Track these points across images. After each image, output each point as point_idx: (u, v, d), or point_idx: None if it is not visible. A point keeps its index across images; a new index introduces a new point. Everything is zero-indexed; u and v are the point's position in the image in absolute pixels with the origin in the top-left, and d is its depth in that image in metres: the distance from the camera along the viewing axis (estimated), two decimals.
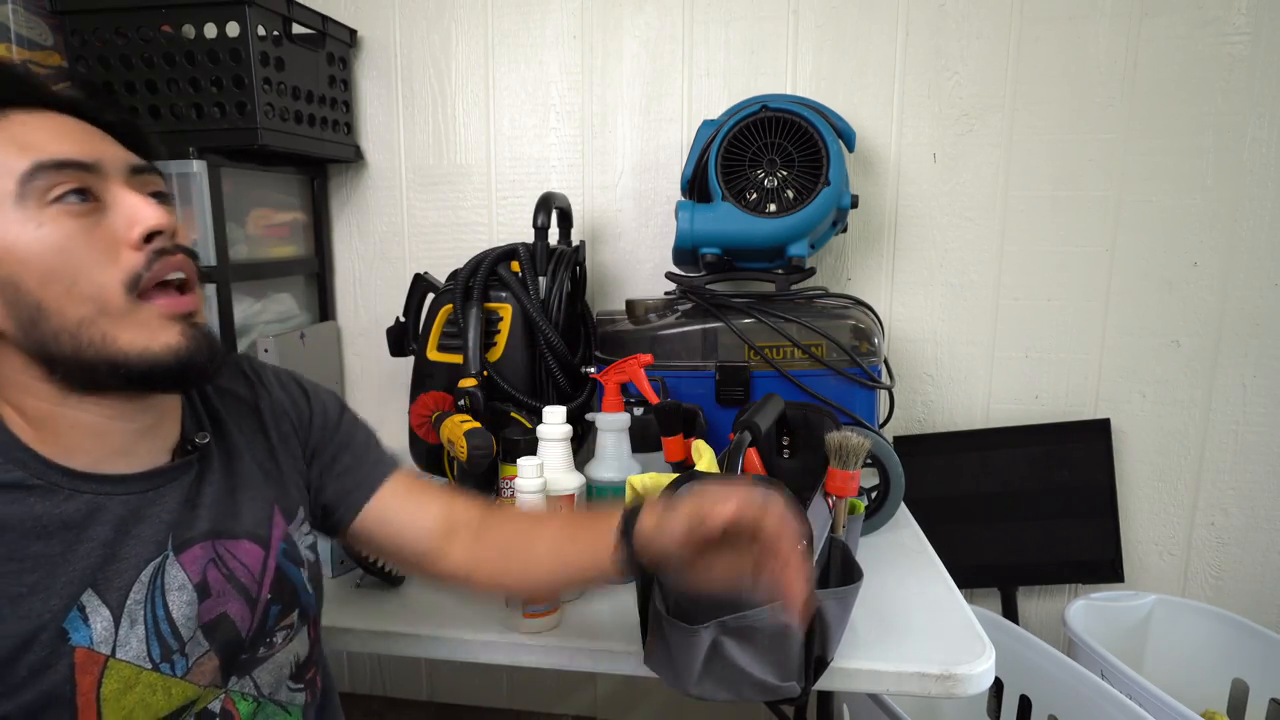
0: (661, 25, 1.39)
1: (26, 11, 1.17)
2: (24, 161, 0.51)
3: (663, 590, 0.72)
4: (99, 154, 0.54)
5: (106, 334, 0.52)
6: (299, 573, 0.67)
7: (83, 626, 0.52)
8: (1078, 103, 1.31)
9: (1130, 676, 1.11)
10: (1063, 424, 1.38)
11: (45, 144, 0.52)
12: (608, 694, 1.64)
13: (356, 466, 0.75)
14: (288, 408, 0.72)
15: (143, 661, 0.54)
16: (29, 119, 0.53)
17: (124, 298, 0.52)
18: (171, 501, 0.59)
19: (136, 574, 0.55)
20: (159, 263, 0.54)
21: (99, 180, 0.53)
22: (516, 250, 1.20)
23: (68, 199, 0.52)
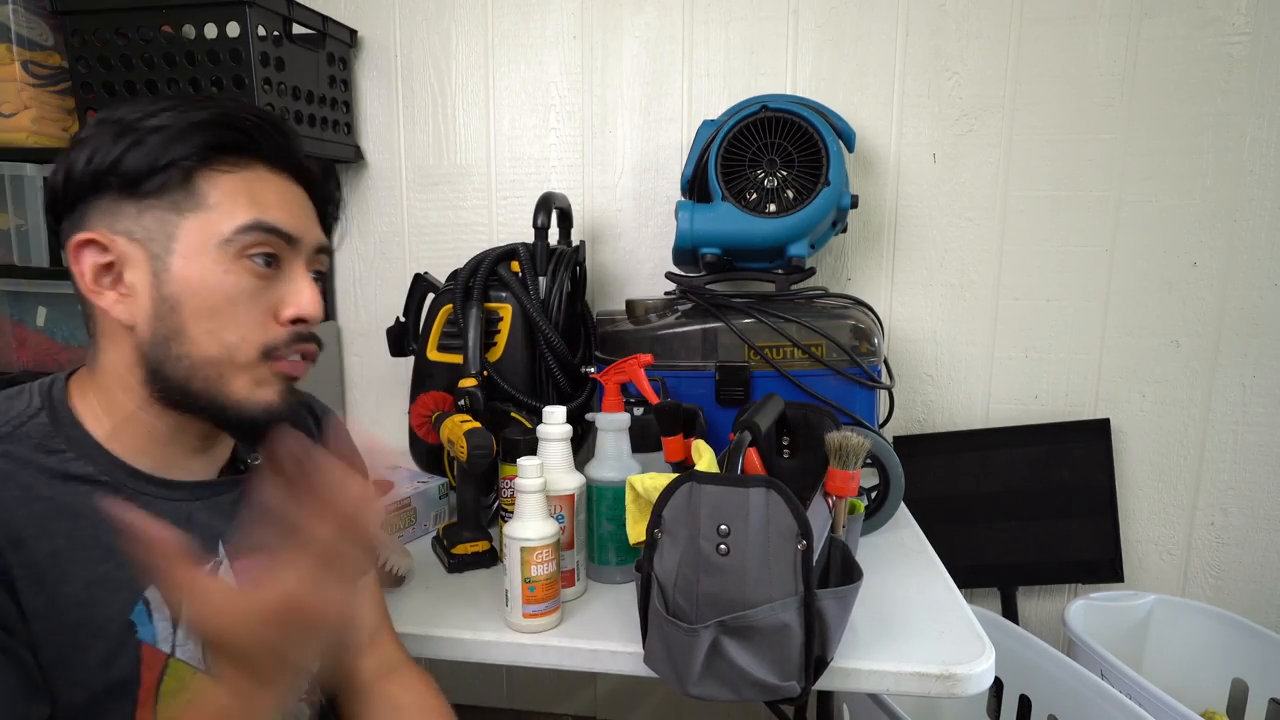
0: (661, 25, 1.39)
1: (27, 11, 1.17)
2: (247, 216, 0.57)
3: (663, 590, 0.73)
4: (303, 231, 0.61)
5: (223, 375, 0.57)
6: None
7: (148, 622, 0.55)
8: (1078, 103, 1.31)
9: (1130, 676, 1.11)
10: (1063, 424, 1.38)
11: (270, 206, 0.59)
12: (608, 694, 1.64)
13: None
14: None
15: (197, 663, 0.57)
16: (268, 176, 0.60)
17: (255, 357, 0.58)
18: (220, 513, 0.63)
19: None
20: (295, 346, 0.61)
21: (290, 251, 0.60)
22: (516, 250, 1.20)
23: (258, 259, 0.58)
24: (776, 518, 0.69)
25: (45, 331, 1.25)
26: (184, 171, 0.56)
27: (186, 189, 0.57)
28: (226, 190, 0.57)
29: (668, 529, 0.73)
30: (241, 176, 0.58)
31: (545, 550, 0.81)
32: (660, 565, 0.73)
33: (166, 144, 0.56)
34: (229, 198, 0.57)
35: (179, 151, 0.56)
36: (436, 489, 1.13)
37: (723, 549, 0.69)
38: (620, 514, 0.90)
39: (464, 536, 0.98)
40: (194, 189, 0.57)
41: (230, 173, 0.58)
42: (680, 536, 0.71)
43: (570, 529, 0.88)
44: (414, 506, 1.09)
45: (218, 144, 0.57)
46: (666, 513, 0.73)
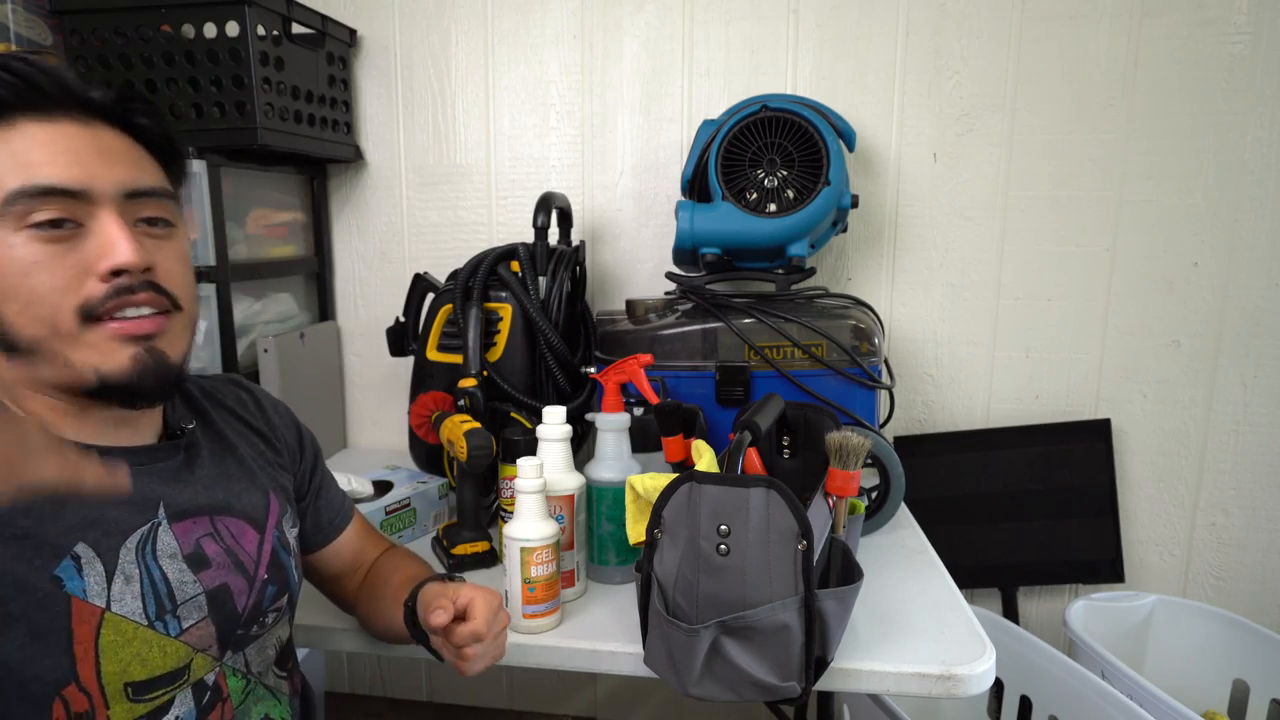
0: (661, 25, 1.39)
1: (26, 11, 1.17)
2: (11, 183, 0.52)
3: (663, 591, 0.72)
4: (91, 179, 0.54)
5: (59, 353, 0.54)
6: (289, 559, 0.72)
7: (76, 576, 0.54)
8: (1079, 102, 1.31)
9: (1131, 677, 1.11)
10: (1063, 424, 1.38)
11: (40, 165, 0.53)
12: (608, 694, 1.64)
13: (335, 501, 0.84)
14: (283, 431, 0.79)
15: (139, 617, 0.57)
16: (38, 131, 0.54)
17: (75, 323, 0.54)
18: (160, 476, 0.62)
19: (124, 538, 0.58)
20: (118, 298, 0.55)
21: (85, 206, 0.54)
22: (516, 250, 1.20)
23: (42, 228, 0.53)
24: (777, 518, 0.69)
25: None
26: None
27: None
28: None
29: (668, 529, 0.72)
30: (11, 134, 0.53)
31: (545, 551, 0.81)
32: (660, 565, 0.73)
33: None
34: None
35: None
36: (436, 489, 1.13)
37: (723, 549, 0.69)
38: (620, 514, 0.90)
39: (464, 537, 0.98)
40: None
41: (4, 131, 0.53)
42: (680, 537, 0.71)
43: (570, 529, 0.88)
44: (414, 506, 1.08)
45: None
46: (666, 513, 0.72)
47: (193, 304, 0.63)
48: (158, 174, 0.61)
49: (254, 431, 0.75)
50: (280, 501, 0.72)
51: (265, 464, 0.74)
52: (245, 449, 0.72)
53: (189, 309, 0.62)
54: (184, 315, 0.61)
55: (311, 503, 0.81)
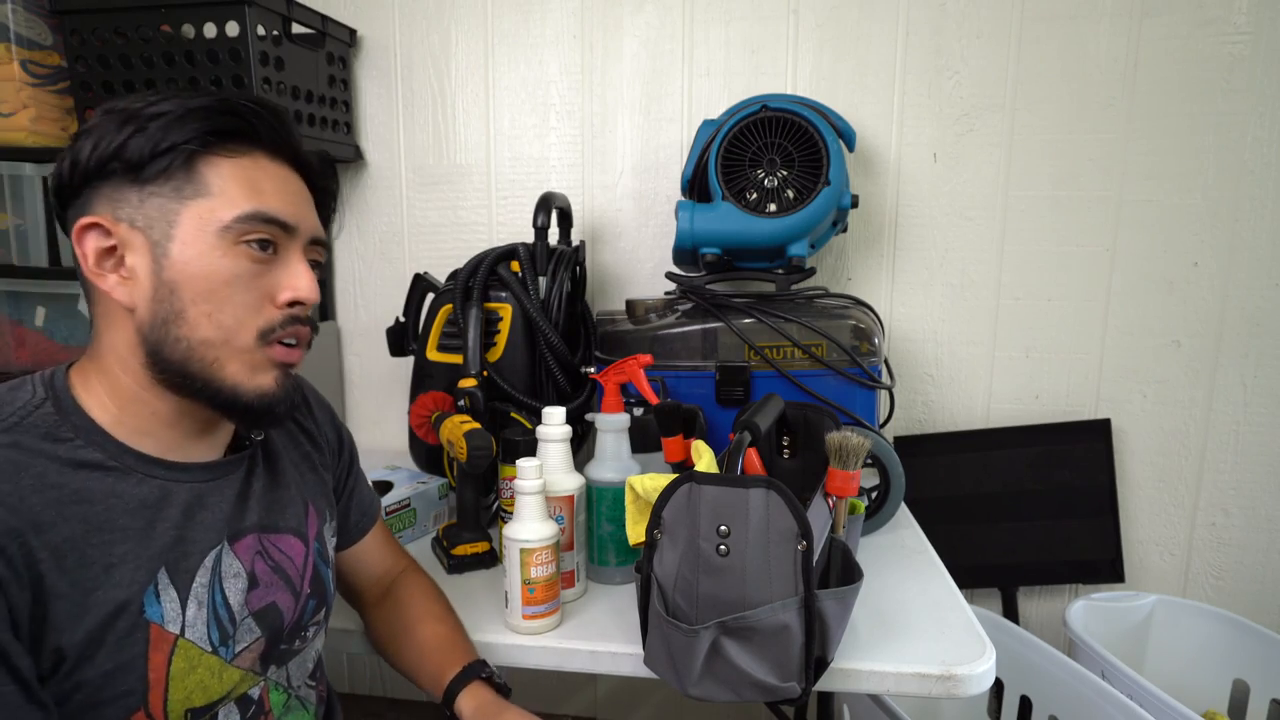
0: (661, 25, 1.39)
1: (26, 11, 1.17)
2: (247, 204, 0.58)
3: (662, 591, 0.72)
4: (300, 219, 0.62)
5: (219, 359, 0.58)
6: (327, 571, 0.73)
7: (155, 604, 0.56)
8: (1078, 102, 1.31)
9: (1131, 677, 1.11)
10: (1063, 424, 1.38)
11: (269, 195, 0.60)
12: (608, 694, 1.64)
13: (365, 502, 0.85)
14: (326, 429, 0.80)
15: (204, 644, 0.59)
16: (268, 165, 0.61)
17: (253, 340, 0.59)
18: (229, 492, 0.64)
19: (201, 559, 0.60)
20: (291, 328, 0.62)
21: (287, 238, 0.61)
22: (516, 250, 1.20)
23: (255, 245, 0.59)
24: (776, 518, 0.68)
25: (44, 331, 1.25)
26: (185, 156, 0.57)
27: (188, 174, 0.58)
28: (227, 177, 0.59)
29: (667, 530, 0.72)
30: (241, 164, 0.59)
31: (545, 551, 0.81)
32: (660, 566, 0.73)
33: (167, 129, 0.57)
34: (230, 184, 0.58)
35: (178, 136, 0.57)
36: (436, 489, 1.13)
37: (723, 549, 0.69)
38: (620, 515, 0.89)
39: (464, 537, 0.98)
40: (195, 175, 0.58)
41: (231, 159, 0.59)
42: (680, 537, 0.71)
43: (570, 530, 0.88)
44: (413, 507, 1.08)
45: (217, 129, 0.58)
46: (666, 513, 0.72)
47: None
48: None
49: (302, 431, 0.76)
50: (319, 510, 0.73)
51: (308, 468, 0.75)
52: (291, 454, 0.73)
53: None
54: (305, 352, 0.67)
55: (345, 502, 0.82)
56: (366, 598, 0.85)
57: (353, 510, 0.83)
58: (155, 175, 0.57)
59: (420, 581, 0.85)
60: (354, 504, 0.83)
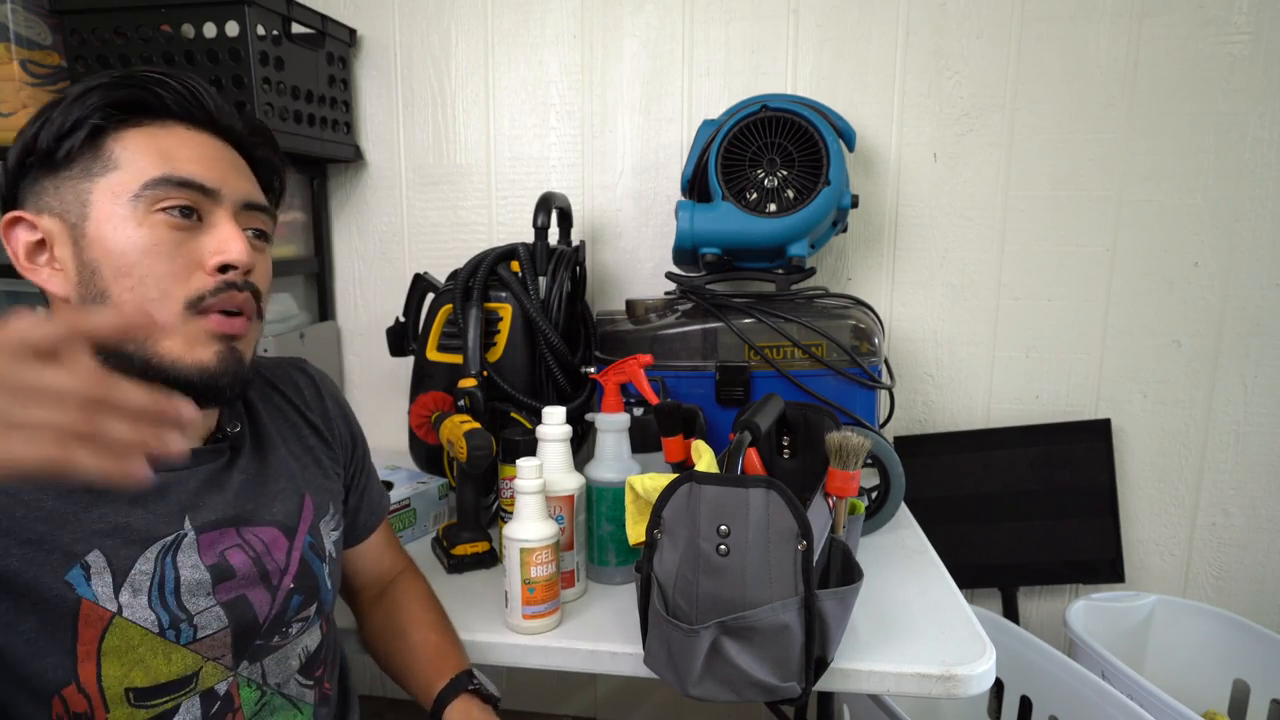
0: (661, 25, 1.39)
1: (26, 11, 1.17)
2: (154, 170, 0.57)
3: (663, 591, 0.72)
4: (222, 183, 0.60)
5: (150, 338, 0.57)
6: (321, 566, 0.70)
7: (84, 584, 0.55)
8: (1079, 102, 1.31)
9: (1131, 677, 1.11)
10: (1063, 424, 1.38)
11: (181, 160, 0.58)
12: (608, 694, 1.64)
13: (374, 502, 0.84)
14: (338, 424, 0.79)
15: (150, 625, 0.57)
16: (184, 134, 0.60)
17: (181, 312, 0.57)
18: (193, 483, 0.62)
19: (144, 548, 0.58)
20: (224, 294, 0.59)
21: (210, 204, 0.59)
22: (516, 250, 1.20)
23: (172, 211, 0.57)
24: (776, 518, 0.68)
25: None
26: (89, 133, 0.57)
27: (95, 153, 0.57)
28: (134, 147, 0.57)
29: (668, 529, 0.72)
30: (151, 132, 0.58)
31: (545, 551, 0.81)
32: (660, 566, 0.73)
33: (67, 111, 0.57)
34: (138, 155, 0.57)
35: (78, 113, 0.56)
36: (436, 489, 1.13)
37: (723, 549, 0.69)
38: (620, 515, 0.89)
39: (464, 537, 0.98)
40: (103, 151, 0.57)
41: (140, 129, 0.58)
42: (680, 537, 0.71)
43: (570, 530, 0.88)
44: (413, 507, 1.08)
45: (119, 102, 0.57)
46: (666, 513, 0.72)
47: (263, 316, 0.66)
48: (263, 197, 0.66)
49: (307, 424, 0.75)
50: (318, 503, 0.72)
51: (311, 461, 0.73)
52: (291, 445, 0.72)
53: (262, 319, 0.65)
54: (258, 325, 0.65)
55: (355, 500, 0.81)
56: (363, 597, 0.85)
57: (362, 509, 0.82)
58: (64, 160, 0.57)
59: (416, 586, 0.85)
60: (364, 503, 0.82)
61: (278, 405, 0.74)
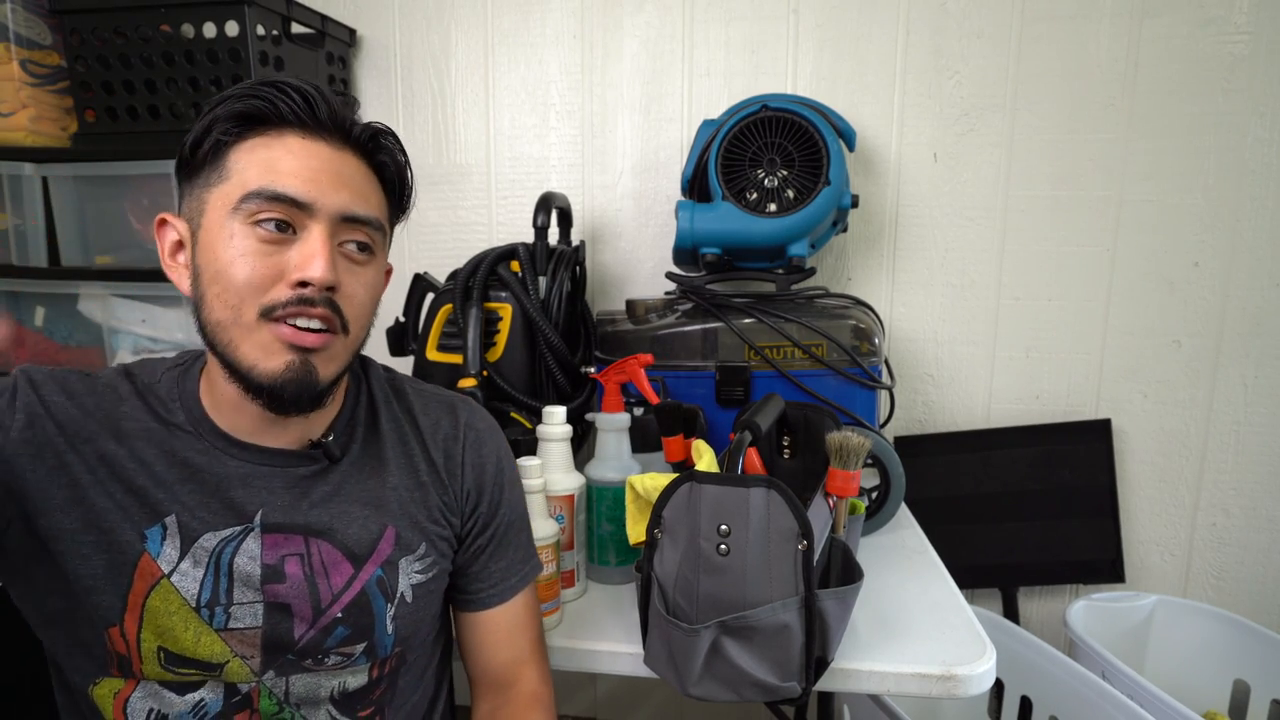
0: (661, 25, 1.39)
1: (26, 11, 1.17)
2: (254, 183, 0.59)
3: (663, 591, 0.72)
4: (318, 196, 0.60)
5: (233, 340, 0.60)
6: (384, 607, 0.66)
7: (158, 542, 0.61)
8: (1079, 102, 1.31)
9: (1131, 677, 1.11)
10: (1063, 424, 1.38)
11: (282, 172, 0.59)
12: (608, 694, 1.64)
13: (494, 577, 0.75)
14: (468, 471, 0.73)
15: (190, 597, 0.61)
16: (295, 143, 0.61)
17: (256, 318, 0.59)
18: (278, 483, 0.65)
19: (216, 529, 0.62)
20: (297, 306, 0.60)
21: (305, 217, 0.60)
22: (516, 250, 1.20)
23: (265, 224, 0.59)
24: (777, 518, 0.68)
25: (44, 331, 1.25)
26: (216, 147, 0.60)
27: (215, 163, 0.60)
28: (245, 159, 0.60)
29: (668, 529, 0.72)
30: (264, 142, 0.60)
31: (545, 551, 0.80)
32: (660, 565, 0.73)
33: (202, 123, 0.61)
34: (248, 166, 0.60)
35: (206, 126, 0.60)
36: None
37: (723, 549, 0.69)
38: (620, 514, 0.89)
39: None
40: (222, 162, 0.60)
41: (255, 139, 0.60)
42: (680, 536, 0.71)
43: (570, 529, 0.88)
44: None
45: (240, 114, 0.60)
46: (666, 513, 0.72)
47: (360, 330, 0.66)
48: (377, 205, 0.66)
49: (427, 459, 0.71)
50: (403, 539, 0.68)
51: (419, 497, 0.69)
52: (401, 474, 0.69)
53: (354, 334, 0.65)
54: (348, 340, 0.64)
55: (465, 560, 0.74)
56: (475, 686, 0.77)
57: (474, 576, 0.74)
58: (197, 169, 0.61)
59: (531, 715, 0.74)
60: (477, 569, 0.74)
61: (404, 433, 0.72)
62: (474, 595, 0.74)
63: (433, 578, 0.70)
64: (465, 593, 0.75)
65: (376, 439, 0.71)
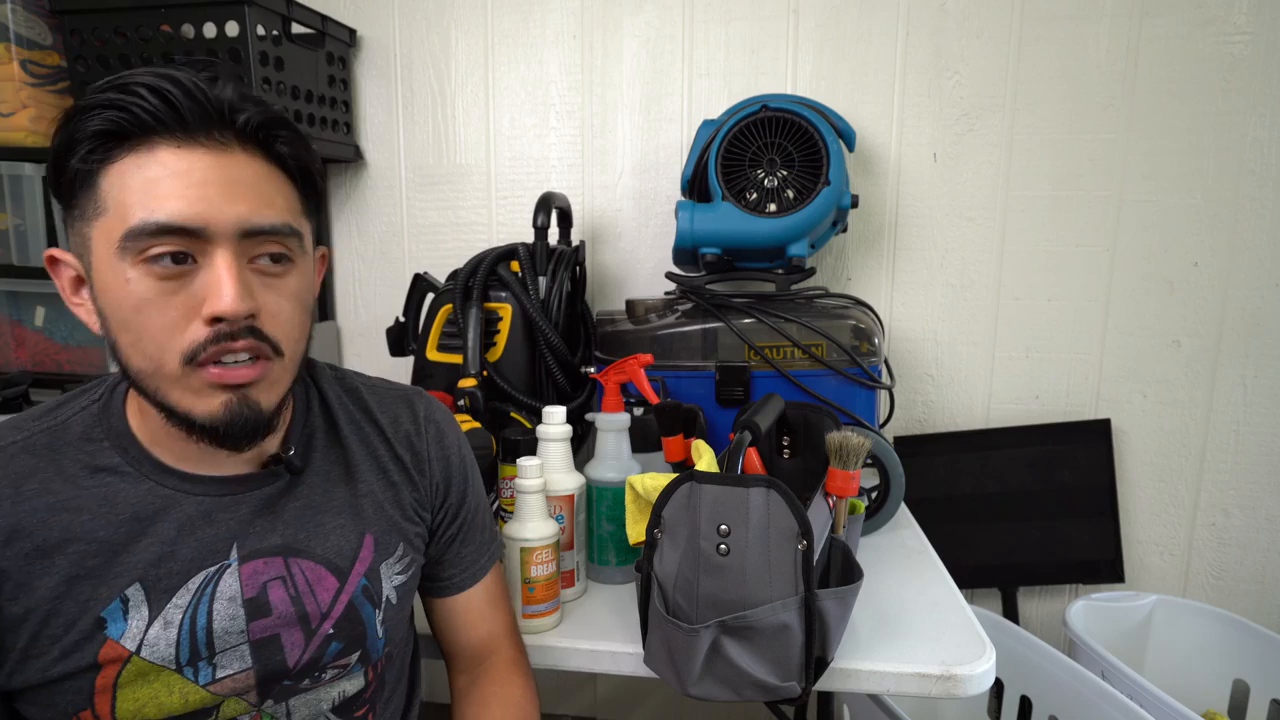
0: (661, 25, 1.39)
1: (26, 11, 1.17)
2: (132, 217, 0.51)
3: (663, 591, 0.72)
4: (210, 218, 0.52)
5: (159, 388, 0.55)
6: (373, 613, 0.66)
7: (120, 620, 0.55)
8: (1078, 102, 1.31)
9: (1131, 677, 1.11)
10: (1063, 424, 1.38)
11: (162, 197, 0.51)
12: (608, 694, 1.64)
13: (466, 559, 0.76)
14: (435, 463, 0.72)
15: (168, 662, 0.57)
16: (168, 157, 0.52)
17: (179, 366, 0.54)
18: (245, 510, 0.61)
19: (187, 578, 0.58)
20: (217, 345, 0.54)
21: (202, 244, 0.53)
22: (516, 250, 1.20)
23: (161, 261, 0.52)
24: (777, 518, 0.68)
25: (44, 331, 1.25)
26: (85, 176, 0.52)
27: (89, 190, 0.53)
28: (119, 184, 0.52)
29: (668, 529, 0.72)
30: (136, 163, 0.52)
31: (545, 550, 0.81)
32: (660, 565, 0.73)
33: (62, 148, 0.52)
34: (125, 193, 0.52)
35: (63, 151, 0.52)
36: None
37: (723, 549, 0.69)
38: (620, 514, 0.89)
39: None
40: (95, 189, 0.53)
41: (125, 157, 0.52)
42: (680, 536, 0.71)
43: (570, 529, 0.88)
44: None
45: (100, 133, 0.51)
46: (666, 513, 0.72)
47: (296, 346, 0.60)
48: (285, 206, 0.58)
49: (393, 457, 0.70)
50: (381, 543, 0.67)
51: (391, 498, 0.68)
52: (371, 479, 0.68)
53: (291, 353, 0.59)
54: (284, 361, 0.58)
55: (439, 551, 0.74)
56: (452, 663, 0.78)
57: (448, 564, 0.74)
58: (72, 200, 0.54)
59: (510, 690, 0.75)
60: (451, 558, 0.75)
61: (366, 434, 0.69)
62: (448, 581, 0.75)
63: (411, 576, 0.70)
64: (439, 580, 0.75)
65: (339, 444, 0.67)
